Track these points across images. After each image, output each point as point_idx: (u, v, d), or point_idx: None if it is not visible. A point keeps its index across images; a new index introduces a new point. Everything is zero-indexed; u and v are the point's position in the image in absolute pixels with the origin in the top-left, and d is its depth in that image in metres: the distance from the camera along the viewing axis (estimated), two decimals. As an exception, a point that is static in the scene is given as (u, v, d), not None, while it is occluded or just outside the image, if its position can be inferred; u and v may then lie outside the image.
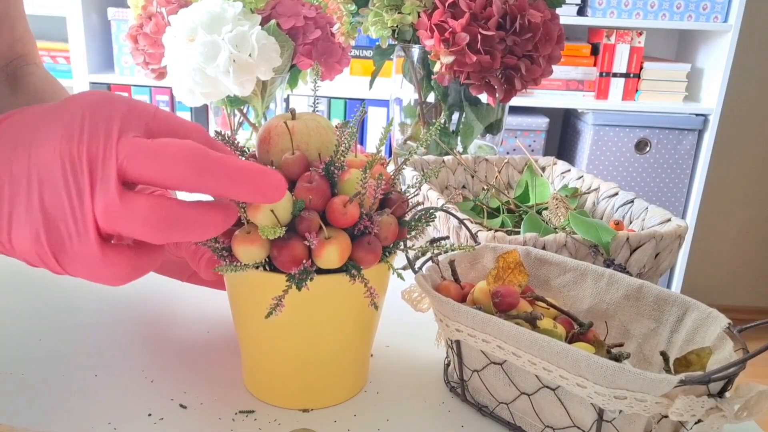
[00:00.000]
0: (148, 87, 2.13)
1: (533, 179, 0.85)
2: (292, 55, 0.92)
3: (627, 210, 0.75)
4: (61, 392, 0.51)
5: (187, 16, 0.83)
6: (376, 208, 0.47)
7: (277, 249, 0.44)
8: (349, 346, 0.50)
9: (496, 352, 0.45)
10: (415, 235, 0.51)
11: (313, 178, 0.45)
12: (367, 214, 0.45)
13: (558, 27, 0.86)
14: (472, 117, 0.92)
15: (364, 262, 0.46)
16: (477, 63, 0.81)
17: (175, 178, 0.36)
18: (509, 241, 0.61)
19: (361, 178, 0.44)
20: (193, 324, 0.63)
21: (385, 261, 0.48)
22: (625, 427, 0.42)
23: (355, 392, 0.53)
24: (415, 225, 0.50)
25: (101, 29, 2.21)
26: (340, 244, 0.44)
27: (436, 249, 0.50)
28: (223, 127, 1.00)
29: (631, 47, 2.14)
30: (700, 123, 2.13)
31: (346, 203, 0.44)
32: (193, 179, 0.36)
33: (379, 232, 0.46)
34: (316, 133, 0.49)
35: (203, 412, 0.50)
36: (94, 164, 0.35)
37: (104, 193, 0.35)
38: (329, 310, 0.48)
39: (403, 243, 0.49)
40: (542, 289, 0.57)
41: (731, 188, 2.61)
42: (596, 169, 2.18)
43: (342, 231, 0.45)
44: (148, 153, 0.35)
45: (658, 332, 0.51)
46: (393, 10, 0.86)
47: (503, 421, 0.50)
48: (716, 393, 0.40)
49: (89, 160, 0.35)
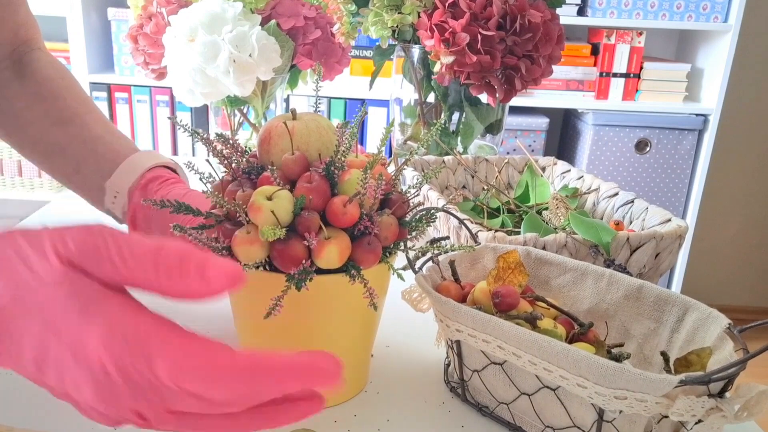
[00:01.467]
0: (148, 87, 2.13)
1: (533, 179, 0.85)
2: (292, 55, 0.92)
3: (627, 210, 0.75)
4: (61, 392, 0.51)
5: (187, 16, 0.83)
6: (376, 208, 0.47)
7: (277, 249, 0.44)
8: (349, 345, 0.50)
9: (497, 352, 0.45)
10: (415, 236, 0.51)
11: (313, 178, 0.45)
12: (368, 214, 0.45)
13: (558, 27, 0.86)
14: (472, 117, 0.92)
15: (364, 262, 0.46)
16: (477, 63, 0.81)
17: (225, 399, 0.32)
18: (509, 241, 0.61)
19: (361, 178, 0.44)
20: (193, 324, 0.63)
21: (385, 261, 0.48)
22: (626, 427, 0.42)
23: (355, 392, 0.53)
24: (416, 225, 0.50)
25: (101, 29, 2.21)
26: (340, 245, 0.44)
27: (436, 249, 0.50)
28: (223, 127, 1.00)
29: (631, 47, 2.14)
30: (700, 123, 2.13)
31: (346, 203, 0.44)
32: (249, 397, 0.33)
33: (379, 232, 0.46)
34: (316, 133, 0.49)
35: (203, 412, 0.50)
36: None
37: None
38: (329, 311, 0.48)
39: (403, 243, 0.49)
40: (542, 289, 0.57)
41: (731, 188, 2.60)
42: (596, 169, 2.17)
43: (342, 231, 0.45)
44: (194, 378, 0.31)
45: (658, 332, 0.51)
46: (393, 10, 0.86)
47: (503, 422, 0.50)
48: (716, 393, 0.40)
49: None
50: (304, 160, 0.47)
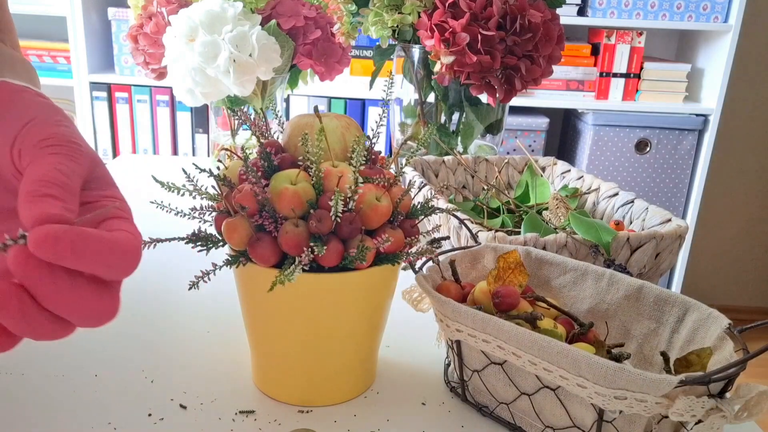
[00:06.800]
0: (148, 87, 2.13)
1: (533, 179, 0.85)
2: (292, 55, 0.92)
3: (627, 210, 0.75)
4: (61, 392, 0.51)
5: (188, 16, 0.83)
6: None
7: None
8: (355, 345, 0.51)
9: (497, 352, 0.45)
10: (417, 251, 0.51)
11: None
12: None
13: (558, 27, 0.85)
14: (472, 117, 0.92)
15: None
16: (477, 63, 0.81)
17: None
18: (510, 241, 0.61)
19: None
20: (193, 324, 0.63)
21: (394, 263, 0.48)
22: (626, 428, 0.42)
23: (361, 391, 0.53)
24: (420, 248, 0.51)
25: (101, 29, 2.21)
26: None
27: (436, 248, 0.50)
28: (223, 127, 1.00)
29: (632, 47, 2.14)
30: (700, 123, 2.13)
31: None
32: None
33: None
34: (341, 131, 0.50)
35: (203, 412, 0.50)
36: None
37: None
38: (335, 310, 0.48)
39: (407, 244, 0.50)
40: (542, 289, 0.57)
41: (731, 188, 2.60)
42: (596, 169, 2.17)
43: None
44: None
45: (658, 332, 0.51)
46: (393, 10, 0.86)
47: (503, 422, 0.50)
48: (716, 393, 0.40)
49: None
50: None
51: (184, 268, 0.75)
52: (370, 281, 0.48)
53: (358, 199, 0.45)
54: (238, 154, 0.51)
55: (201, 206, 0.49)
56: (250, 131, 0.98)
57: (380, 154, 0.54)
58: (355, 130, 0.52)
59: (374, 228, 0.47)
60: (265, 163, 0.49)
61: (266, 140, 0.52)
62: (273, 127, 0.99)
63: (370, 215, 0.46)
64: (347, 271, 0.46)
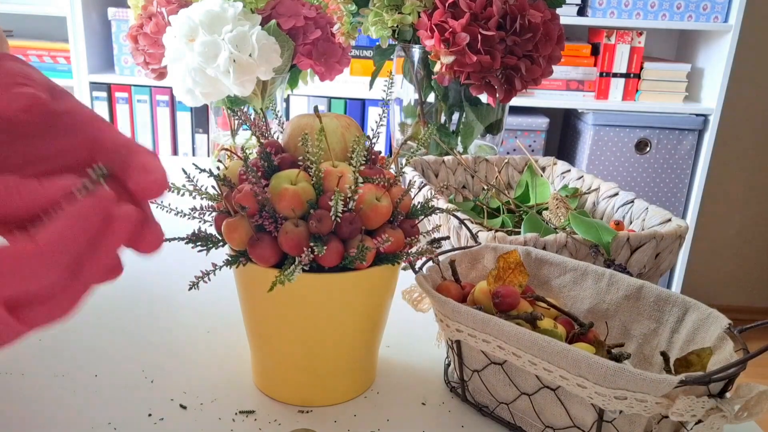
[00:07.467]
0: (148, 87, 2.13)
1: (533, 179, 0.85)
2: (292, 55, 0.92)
3: (627, 210, 0.75)
4: (61, 392, 0.51)
5: (187, 16, 0.83)
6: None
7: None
8: (355, 345, 0.51)
9: (497, 352, 0.45)
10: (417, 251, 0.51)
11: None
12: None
13: (558, 27, 0.85)
14: (472, 117, 0.92)
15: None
16: (477, 63, 0.81)
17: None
18: (510, 241, 0.61)
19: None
20: (193, 324, 0.63)
21: (394, 263, 0.48)
22: (626, 428, 0.42)
23: (362, 391, 0.53)
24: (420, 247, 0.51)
25: (101, 29, 2.21)
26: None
27: (436, 248, 0.50)
28: (223, 127, 1.00)
29: (631, 47, 2.14)
30: (700, 123, 2.13)
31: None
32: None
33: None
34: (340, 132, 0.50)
35: (203, 412, 0.50)
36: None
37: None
38: (334, 310, 0.48)
39: (408, 244, 0.50)
40: (542, 289, 0.57)
41: (731, 188, 2.60)
42: (596, 169, 2.17)
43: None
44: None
45: (658, 332, 0.51)
46: (393, 10, 0.86)
47: (503, 422, 0.50)
48: (717, 393, 0.39)
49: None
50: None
51: (184, 268, 0.75)
52: (370, 281, 0.48)
53: (358, 199, 0.45)
54: (238, 154, 0.51)
55: (201, 206, 0.50)
56: (250, 131, 0.98)
57: (380, 154, 0.54)
58: (355, 130, 0.52)
59: (374, 228, 0.47)
60: (265, 163, 0.49)
61: (266, 140, 0.52)
62: (273, 127, 0.99)
63: (370, 215, 0.46)
64: (347, 271, 0.46)
